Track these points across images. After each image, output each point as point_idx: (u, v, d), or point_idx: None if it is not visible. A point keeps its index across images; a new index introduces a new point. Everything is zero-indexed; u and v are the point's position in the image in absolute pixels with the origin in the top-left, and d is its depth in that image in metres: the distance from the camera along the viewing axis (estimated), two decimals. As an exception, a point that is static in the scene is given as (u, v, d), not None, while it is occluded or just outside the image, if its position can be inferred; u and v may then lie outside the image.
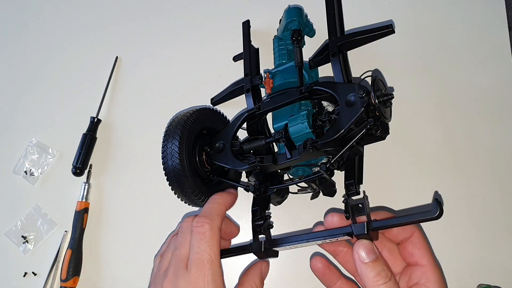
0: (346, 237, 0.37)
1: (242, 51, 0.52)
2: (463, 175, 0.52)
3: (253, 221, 0.42)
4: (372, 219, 0.36)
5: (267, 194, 0.44)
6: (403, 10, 0.57)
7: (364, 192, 0.38)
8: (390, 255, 0.39)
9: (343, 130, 0.37)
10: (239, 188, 0.46)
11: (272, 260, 0.52)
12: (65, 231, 0.56)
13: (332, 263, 0.42)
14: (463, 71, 0.55)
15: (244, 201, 0.52)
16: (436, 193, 0.52)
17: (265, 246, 0.40)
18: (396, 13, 0.57)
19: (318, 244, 0.40)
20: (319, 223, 0.41)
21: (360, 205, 0.36)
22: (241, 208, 0.54)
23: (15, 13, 0.65)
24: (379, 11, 0.57)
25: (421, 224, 0.42)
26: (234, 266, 0.53)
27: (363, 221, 0.35)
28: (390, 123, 0.41)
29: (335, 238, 0.37)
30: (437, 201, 0.32)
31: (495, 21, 0.56)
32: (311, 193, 0.48)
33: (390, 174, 0.52)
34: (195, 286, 0.36)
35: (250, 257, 0.53)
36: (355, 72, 0.44)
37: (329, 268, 0.41)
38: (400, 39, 0.56)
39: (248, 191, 0.44)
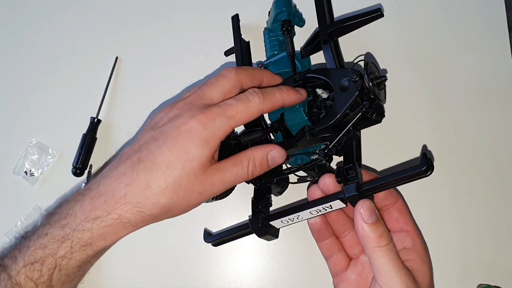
0: (341, 204, 0.37)
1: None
2: (463, 174, 0.52)
3: (253, 211, 0.43)
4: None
5: (268, 185, 0.44)
6: (403, 10, 0.57)
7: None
8: None
9: (339, 115, 0.37)
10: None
11: (271, 260, 0.52)
12: (65, 231, 0.56)
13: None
14: (463, 71, 0.55)
15: (243, 198, 0.52)
16: (424, 147, 0.51)
17: (262, 220, 0.40)
18: (396, 13, 0.57)
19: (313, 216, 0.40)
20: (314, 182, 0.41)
21: (352, 172, 0.36)
22: (242, 208, 0.54)
23: (15, 13, 0.65)
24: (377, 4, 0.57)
25: (418, 222, 0.42)
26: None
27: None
28: (389, 120, 0.41)
29: (329, 205, 0.37)
30: (425, 155, 0.32)
31: (495, 21, 0.56)
32: (311, 182, 0.48)
33: (386, 168, 0.52)
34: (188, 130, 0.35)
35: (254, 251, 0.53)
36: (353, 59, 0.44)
37: (326, 224, 0.41)
38: (400, 39, 0.56)
39: (248, 183, 0.44)
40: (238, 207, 0.54)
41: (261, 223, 0.40)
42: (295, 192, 0.49)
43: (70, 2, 0.65)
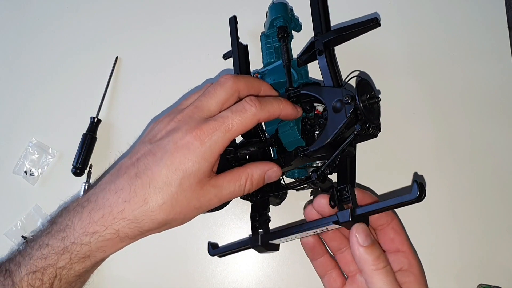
0: (336, 226, 0.37)
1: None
2: (463, 175, 0.52)
3: (252, 223, 0.43)
4: (358, 205, 0.37)
5: (265, 199, 0.44)
6: (402, 11, 0.57)
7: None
8: None
9: (330, 138, 0.37)
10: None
11: (271, 260, 0.52)
12: (65, 231, 0.56)
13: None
14: (463, 71, 0.55)
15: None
16: (415, 174, 0.52)
17: (262, 239, 0.41)
18: (396, 13, 0.57)
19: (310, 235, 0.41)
20: (309, 202, 0.41)
21: (345, 192, 0.37)
22: (242, 208, 0.54)
23: (14, 13, 0.65)
24: (379, 11, 0.57)
25: (418, 223, 0.42)
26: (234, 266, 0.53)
27: (349, 208, 0.36)
28: (388, 122, 0.41)
29: (325, 228, 0.38)
30: (417, 182, 0.32)
31: (495, 21, 0.56)
32: (311, 190, 0.48)
33: (385, 174, 0.52)
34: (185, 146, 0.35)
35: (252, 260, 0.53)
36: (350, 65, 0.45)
37: (318, 243, 0.42)
38: (400, 39, 0.56)
39: (244, 199, 0.44)
40: (238, 207, 0.54)
41: (261, 243, 0.41)
42: (293, 199, 0.50)
43: (70, 2, 0.65)
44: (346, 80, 0.41)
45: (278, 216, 0.51)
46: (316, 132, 0.41)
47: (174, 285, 0.53)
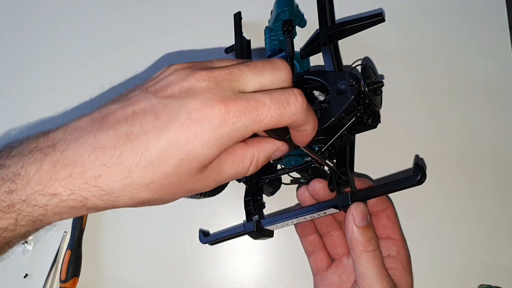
0: (334, 210, 0.37)
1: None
2: (463, 173, 0.52)
3: (246, 208, 0.43)
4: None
5: (260, 185, 0.44)
6: (402, 10, 0.57)
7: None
8: None
9: (333, 119, 0.37)
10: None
11: (271, 260, 0.52)
12: (65, 232, 0.56)
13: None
14: (463, 70, 0.55)
15: (238, 197, 0.52)
16: (416, 157, 0.51)
17: (257, 225, 0.41)
18: (396, 12, 0.57)
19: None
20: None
21: (343, 175, 0.37)
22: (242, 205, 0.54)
23: (14, 12, 0.65)
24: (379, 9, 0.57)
25: (419, 222, 0.42)
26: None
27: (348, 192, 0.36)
28: (391, 117, 0.41)
29: (323, 212, 0.37)
30: (418, 165, 0.32)
31: (496, 20, 0.56)
32: (304, 184, 0.48)
33: (384, 167, 0.52)
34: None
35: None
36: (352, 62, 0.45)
37: (310, 221, 0.41)
38: (399, 37, 0.56)
39: (240, 182, 0.44)
40: (237, 207, 0.54)
41: (256, 228, 0.41)
42: (287, 193, 0.49)
43: (70, 2, 0.65)
44: (352, 67, 0.42)
45: (272, 211, 0.51)
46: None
47: (174, 286, 0.53)
